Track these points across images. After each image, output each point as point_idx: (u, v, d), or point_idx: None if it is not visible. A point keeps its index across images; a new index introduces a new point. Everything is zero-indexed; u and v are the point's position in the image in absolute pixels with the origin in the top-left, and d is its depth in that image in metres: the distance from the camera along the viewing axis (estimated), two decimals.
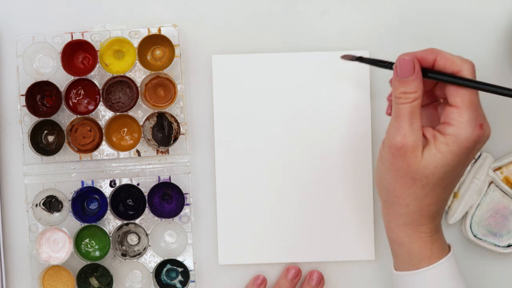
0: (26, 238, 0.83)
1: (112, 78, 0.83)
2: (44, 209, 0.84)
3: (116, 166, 0.84)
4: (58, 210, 0.84)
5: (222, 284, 0.85)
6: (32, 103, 0.83)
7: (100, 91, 0.83)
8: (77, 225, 0.83)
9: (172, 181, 0.83)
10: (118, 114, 0.83)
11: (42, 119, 0.82)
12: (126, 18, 0.84)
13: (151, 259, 0.84)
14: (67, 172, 0.84)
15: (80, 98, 0.84)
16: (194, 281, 0.84)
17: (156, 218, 0.84)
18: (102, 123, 0.83)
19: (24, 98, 0.82)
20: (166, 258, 0.84)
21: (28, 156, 0.83)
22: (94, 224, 0.83)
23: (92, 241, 0.84)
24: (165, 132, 0.83)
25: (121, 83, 0.83)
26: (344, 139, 0.83)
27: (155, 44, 0.84)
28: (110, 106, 0.83)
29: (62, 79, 0.83)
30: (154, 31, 0.83)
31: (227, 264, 0.84)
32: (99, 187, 0.83)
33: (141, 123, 0.83)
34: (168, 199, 0.84)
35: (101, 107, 0.83)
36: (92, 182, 0.83)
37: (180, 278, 0.84)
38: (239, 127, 0.83)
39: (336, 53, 0.81)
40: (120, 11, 0.84)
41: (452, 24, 0.84)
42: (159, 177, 0.83)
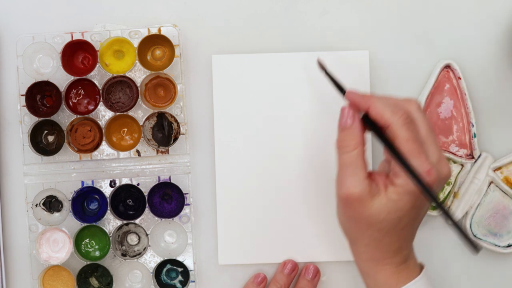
0: (26, 238, 0.83)
1: (112, 78, 0.83)
2: (44, 209, 0.83)
3: (116, 166, 0.84)
4: (58, 210, 0.84)
5: (222, 284, 0.85)
6: (32, 103, 0.83)
7: (100, 91, 0.83)
8: (77, 225, 0.83)
9: (172, 181, 0.83)
10: (118, 114, 0.83)
11: (42, 119, 0.82)
12: (126, 18, 0.84)
13: (151, 259, 0.84)
14: (67, 172, 0.84)
15: (80, 98, 0.84)
16: (194, 281, 0.84)
17: (156, 218, 0.84)
18: (102, 123, 0.83)
19: (24, 98, 0.82)
20: (166, 258, 0.84)
21: (28, 156, 0.83)
22: (94, 224, 0.83)
23: (92, 241, 0.84)
24: (165, 132, 0.83)
25: (121, 83, 0.83)
26: None
27: (155, 44, 0.84)
28: (110, 106, 0.83)
29: (62, 79, 0.83)
30: (154, 31, 0.83)
31: (227, 264, 0.84)
32: (99, 187, 0.83)
33: (141, 123, 0.83)
34: (168, 199, 0.84)
35: (101, 107, 0.83)
36: (92, 182, 0.83)
37: (180, 278, 0.84)
38: (239, 127, 0.83)
39: (336, 53, 0.81)
40: (120, 11, 0.84)
41: (452, 24, 0.84)
42: (159, 177, 0.83)
